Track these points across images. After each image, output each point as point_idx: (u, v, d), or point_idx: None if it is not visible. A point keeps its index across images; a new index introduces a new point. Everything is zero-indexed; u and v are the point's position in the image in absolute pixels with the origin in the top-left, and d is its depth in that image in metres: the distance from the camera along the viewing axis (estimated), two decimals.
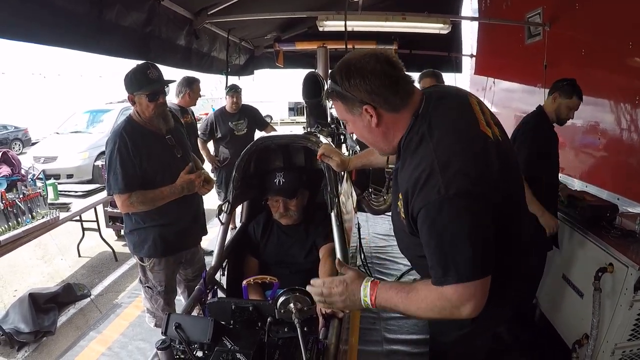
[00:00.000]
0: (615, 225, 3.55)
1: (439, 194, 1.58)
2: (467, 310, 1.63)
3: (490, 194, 1.62)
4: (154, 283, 3.45)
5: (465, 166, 1.61)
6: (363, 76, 1.70)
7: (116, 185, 3.06)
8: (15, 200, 4.32)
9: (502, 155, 1.74)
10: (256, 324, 2.23)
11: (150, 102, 3.12)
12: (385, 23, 6.50)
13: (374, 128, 1.80)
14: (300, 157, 3.55)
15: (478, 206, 1.59)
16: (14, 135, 22.15)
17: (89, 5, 3.58)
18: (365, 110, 1.75)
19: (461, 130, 1.75)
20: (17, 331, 4.31)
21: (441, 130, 1.71)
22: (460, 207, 1.57)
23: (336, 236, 2.77)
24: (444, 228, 1.60)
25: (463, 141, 1.69)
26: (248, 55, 8.95)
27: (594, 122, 4.96)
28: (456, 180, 1.58)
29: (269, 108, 33.54)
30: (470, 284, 1.60)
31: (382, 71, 1.70)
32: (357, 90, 1.73)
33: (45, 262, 6.50)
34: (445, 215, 1.58)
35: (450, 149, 1.65)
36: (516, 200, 1.87)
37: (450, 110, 1.82)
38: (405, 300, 1.74)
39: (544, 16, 6.07)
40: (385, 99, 1.73)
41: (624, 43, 4.43)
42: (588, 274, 3.35)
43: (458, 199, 1.57)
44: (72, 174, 11.64)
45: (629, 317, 3.16)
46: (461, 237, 1.58)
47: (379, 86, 1.70)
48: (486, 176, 1.64)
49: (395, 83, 1.72)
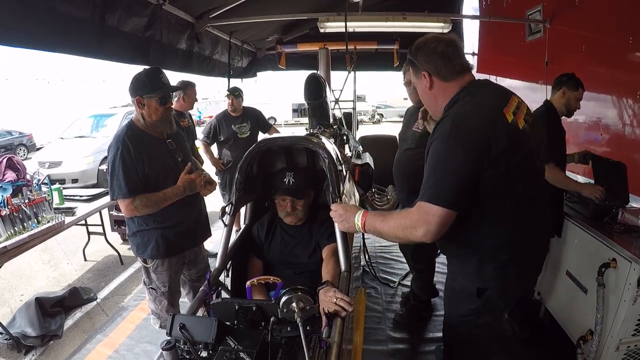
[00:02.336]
0: (619, 221, 3.55)
1: (445, 134, 2.07)
2: (420, 232, 2.04)
3: (482, 155, 2.01)
4: (158, 284, 3.46)
5: (471, 127, 2.05)
6: (426, 52, 2.28)
7: (120, 190, 3.06)
8: (21, 205, 4.33)
9: (515, 139, 2.10)
10: (260, 323, 2.25)
11: (161, 106, 3.17)
12: (385, 23, 6.51)
13: (428, 91, 2.34)
14: (302, 158, 3.55)
15: (466, 154, 2.02)
16: (18, 140, 22.20)
17: (91, 11, 3.61)
18: (423, 76, 2.31)
19: (485, 106, 2.17)
20: (24, 335, 4.34)
21: (471, 101, 2.16)
22: (452, 146, 2.04)
23: (338, 236, 2.79)
24: (437, 155, 2.10)
25: (481, 114, 2.11)
26: (250, 58, 8.98)
27: (596, 118, 4.97)
28: (460, 130, 2.05)
29: (272, 110, 33.45)
30: (431, 207, 2.02)
31: (441, 50, 2.25)
32: (421, 60, 2.30)
33: (52, 266, 6.53)
34: (443, 148, 2.08)
35: (468, 114, 2.10)
36: (527, 180, 2.19)
37: (487, 94, 2.29)
38: (382, 222, 2.24)
39: (544, 13, 6.10)
40: (437, 69, 2.26)
41: (624, 38, 4.45)
42: (592, 270, 3.34)
43: (454, 140, 2.04)
44: (77, 179, 11.67)
45: (633, 312, 3.14)
46: (442, 165, 2.07)
47: (435, 60, 2.26)
48: (484, 142, 2.01)
49: (449, 60, 2.25)
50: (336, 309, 2.22)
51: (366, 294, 4.63)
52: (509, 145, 2.04)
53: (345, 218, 2.42)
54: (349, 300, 2.24)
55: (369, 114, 36.68)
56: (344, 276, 2.67)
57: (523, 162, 2.11)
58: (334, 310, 2.22)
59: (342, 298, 2.23)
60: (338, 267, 2.80)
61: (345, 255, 2.77)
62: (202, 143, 6.34)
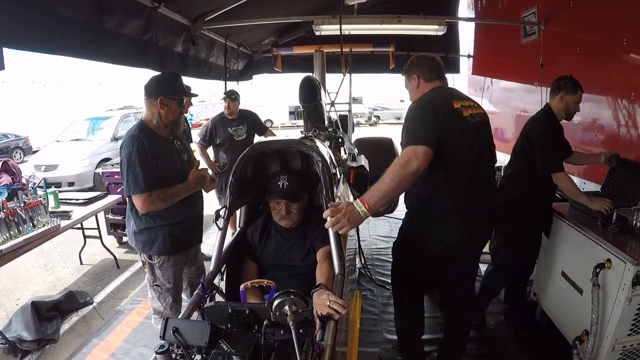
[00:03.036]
0: (613, 221, 3.56)
1: (413, 107, 3.05)
2: (414, 165, 2.62)
3: (435, 114, 2.87)
4: (163, 281, 3.53)
5: (434, 101, 2.98)
6: (416, 63, 3.27)
7: (137, 185, 3.13)
8: (16, 209, 4.33)
9: (454, 117, 2.96)
10: (253, 326, 2.25)
11: (178, 107, 3.38)
12: (380, 26, 6.53)
13: (416, 88, 3.26)
14: (297, 161, 3.56)
15: (429, 114, 2.87)
16: (14, 143, 22.13)
17: (90, 14, 3.64)
18: (413, 78, 3.26)
19: (441, 95, 3.09)
20: (20, 339, 4.32)
21: (435, 92, 3.14)
22: (418, 108, 2.98)
23: (332, 239, 2.80)
24: (410, 115, 3.00)
25: (436, 97, 3.04)
26: (246, 61, 8.99)
27: (591, 119, 4.99)
28: (425, 101, 3.02)
29: (269, 112, 33.45)
30: (416, 147, 2.69)
31: (426, 63, 3.25)
32: (413, 67, 3.28)
33: (48, 270, 6.52)
34: (412, 111, 3.01)
35: (432, 96, 3.07)
36: (464, 160, 2.96)
37: (446, 92, 3.21)
38: (381, 183, 2.63)
39: (539, 15, 6.12)
40: (423, 74, 3.23)
41: (618, 40, 4.47)
42: (586, 271, 3.35)
43: (419, 105, 3.02)
44: (73, 182, 11.66)
45: (628, 312, 3.15)
46: (414, 120, 2.93)
47: (422, 69, 3.24)
48: (435, 108, 2.90)
49: (430, 70, 3.23)
50: (329, 312, 2.21)
51: (362, 296, 4.62)
52: (449, 119, 2.90)
53: (346, 212, 2.51)
54: (342, 303, 2.23)
55: (366, 116, 36.69)
56: (338, 279, 2.66)
57: (461, 135, 2.95)
58: (327, 313, 2.21)
59: (336, 301, 2.22)
60: (332, 269, 2.80)
61: (339, 257, 2.77)
62: (198, 146, 6.33)
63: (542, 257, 4.31)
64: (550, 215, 4.03)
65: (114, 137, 13.06)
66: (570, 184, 3.81)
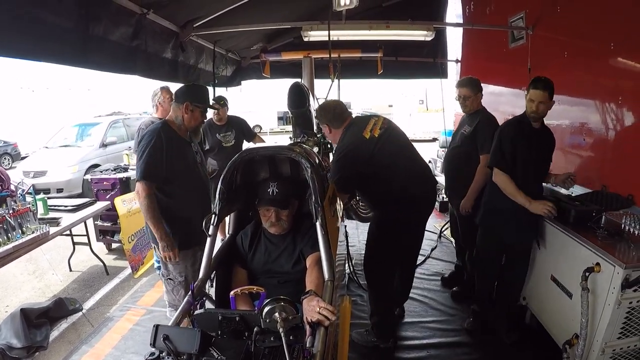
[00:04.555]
0: (602, 225, 3.57)
1: (338, 150, 3.87)
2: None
3: (358, 158, 3.78)
4: (175, 274, 3.80)
5: (350, 147, 3.82)
6: (324, 117, 3.99)
7: (140, 172, 3.49)
8: (5, 216, 4.32)
9: (378, 146, 3.80)
10: (243, 333, 2.26)
11: (201, 116, 3.80)
12: (369, 32, 6.55)
13: (330, 135, 4.09)
14: (286, 167, 3.57)
15: (350, 158, 3.78)
16: (3, 149, 21.98)
17: (76, 21, 3.62)
18: (325, 127, 4.04)
19: (355, 135, 3.87)
20: (9, 347, 4.29)
21: (348, 134, 3.92)
22: (343, 154, 3.81)
23: (322, 245, 2.81)
24: (336, 158, 3.86)
25: (353, 139, 3.86)
26: (235, 67, 8.96)
27: (579, 123, 5.02)
28: (344, 148, 3.84)
29: (258, 118, 33.38)
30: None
31: (331, 113, 3.99)
32: (323, 120, 4.02)
33: (37, 277, 6.47)
34: (336, 156, 3.88)
35: (346, 141, 3.88)
36: (388, 165, 3.83)
37: (355, 127, 3.95)
38: None
39: (526, 20, 6.16)
40: (332, 124, 3.99)
41: (605, 44, 4.50)
42: (576, 274, 3.38)
43: (343, 152, 3.84)
44: (62, 188, 11.58)
45: (618, 316, 3.19)
46: (341, 163, 3.83)
47: (330, 121, 3.98)
48: (359, 151, 3.79)
49: (336, 118, 3.98)
50: (319, 318, 2.21)
51: (352, 302, 4.63)
52: (366, 148, 3.79)
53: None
54: (332, 309, 2.23)
55: None
56: (328, 285, 2.67)
57: (383, 151, 3.80)
58: (318, 320, 2.21)
59: (326, 307, 2.22)
60: (322, 276, 2.80)
61: (329, 264, 2.77)
62: None
63: (531, 262, 4.33)
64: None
65: (102, 144, 12.97)
66: (508, 183, 3.83)
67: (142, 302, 5.48)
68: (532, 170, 3.95)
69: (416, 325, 4.64)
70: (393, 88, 35.14)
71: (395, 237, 4.00)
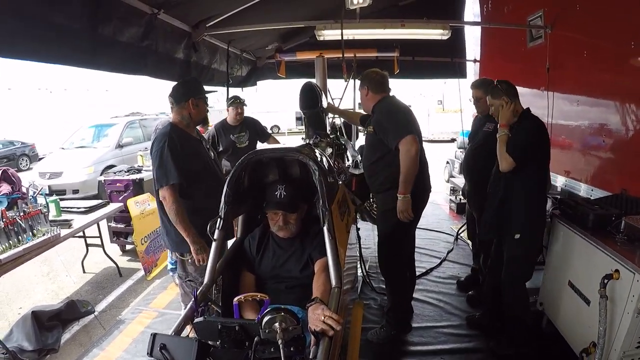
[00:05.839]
0: (622, 230, 3.46)
1: (389, 109, 4.03)
2: (413, 149, 3.75)
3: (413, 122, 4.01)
4: (195, 275, 3.84)
5: (405, 109, 4.07)
6: (368, 78, 4.18)
7: (165, 177, 3.46)
8: (16, 218, 4.32)
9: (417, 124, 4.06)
10: (244, 343, 2.19)
11: (205, 105, 3.85)
12: (384, 31, 6.48)
13: (366, 97, 4.20)
14: (295, 169, 3.49)
15: (409, 116, 4.03)
16: (21, 151, 22.26)
17: (84, 22, 3.61)
18: (364, 88, 4.18)
19: (403, 103, 4.14)
20: (20, 349, 4.29)
21: (395, 100, 4.13)
22: (402, 112, 4.01)
23: (329, 251, 2.73)
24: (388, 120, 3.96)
25: (403, 105, 4.13)
26: (250, 67, 8.94)
27: (599, 124, 4.92)
28: (400, 108, 4.05)
29: (275, 118, 33.50)
30: (407, 137, 3.74)
31: (375, 78, 4.15)
32: (365, 81, 4.18)
33: (50, 278, 6.50)
34: (392, 114, 4.00)
35: (398, 103, 4.10)
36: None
37: (398, 100, 4.17)
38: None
39: (545, 19, 6.05)
40: (371, 87, 4.13)
41: (626, 43, 4.39)
42: (594, 281, 3.27)
43: (402, 110, 4.03)
44: (77, 189, 11.67)
45: (637, 325, 3.08)
46: (395, 121, 3.92)
47: (371, 83, 4.13)
48: (412, 117, 4.06)
49: (378, 84, 4.13)
50: (324, 328, 2.14)
51: (364, 306, 4.57)
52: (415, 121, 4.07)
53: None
54: (337, 318, 2.16)
55: None
56: (335, 292, 2.59)
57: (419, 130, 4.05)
58: (322, 330, 2.15)
59: (330, 316, 2.16)
60: (329, 282, 2.73)
61: (336, 270, 2.69)
62: None
63: (548, 266, 4.25)
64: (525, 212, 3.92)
65: (118, 144, 13.07)
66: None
67: (154, 305, 5.46)
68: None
69: (430, 330, 4.55)
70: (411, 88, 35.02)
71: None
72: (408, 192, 3.81)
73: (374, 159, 4.14)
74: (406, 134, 3.74)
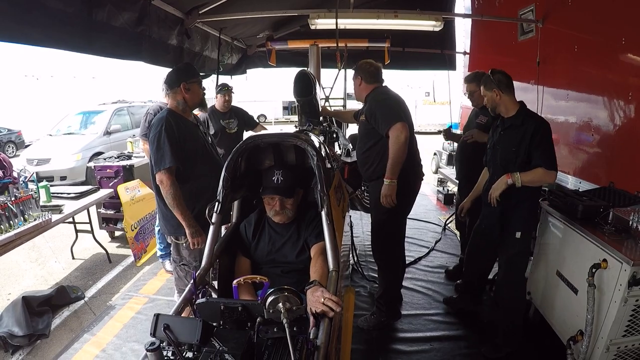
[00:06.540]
0: (609, 221, 3.51)
1: (381, 97, 4.09)
2: (403, 136, 3.79)
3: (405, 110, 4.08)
4: (189, 260, 3.85)
5: (397, 97, 4.14)
6: (362, 69, 4.20)
7: (162, 161, 3.45)
8: (7, 203, 4.29)
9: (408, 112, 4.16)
10: (246, 324, 2.21)
11: (200, 89, 3.82)
12: (377, 21, 6.50)
13: (359, 87, 4.26)
14: (291, 155, 3.52)
15: (401, 105, 4.07)
16: (7, 137, 22.01)
17: (80, 5, 3.59)
18: (357, 78, 4.23)
19: (395, 93, 4.19)
20: (11, 335, 4.28)
21: (386, 90, 4.20)
22: (394, 101, 4.06)
23: (327, 235, 2.75)
24: (384, 102, 4.04)
25: (395, 94, 4.17)
26: (240, 55, 8.92)
27: (587, 119, 4.96)
28: (392, 97, 4.10)
29: (262, 107, 33.40)
30: (397, 124, 3.81)
31: (369, 69, 4.17)
32: (359, 72, 4.20)
33: (39, 264, 6.47)
34: (383, 102, 4.04)
35: (389, 93, 4.15)
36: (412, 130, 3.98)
37: (390, 90, 4.23)
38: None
39: (536, 13, 6.08)
40: (365, 77, 4.18)
41: (616, 39, 4.43)
42: (582, 270, 3.33)
43: (393, 99, 4.08)
44: (65, 176, 11.60)
45: (623, 313, 3.14)
46: (393, 102, 4.04)
47: (365, 73, 4.17)
48: (404, 106, 4.11)
49: (371, 75, 4.17)
50: (324, 309, 2.16)
51: (355, 293, 4.61)
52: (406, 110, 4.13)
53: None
54: (337, 300, 2.19)
55: None
56: (333, 275, 2.61)
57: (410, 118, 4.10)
58: (322, 311, 2.17)
59: (330, 298, 2.18)
60: (326, 266, 2.74)
61: (334, 253, 2.71)
62: None
63: (537, 256, 4.30)
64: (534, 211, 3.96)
65: (106, 131, 13.01)
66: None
67: (145, 291, 5.47)
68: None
69: (420, 317, 4.61)
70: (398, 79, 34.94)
71: (405, 201, 4.18)
72: (395, 177, 3.86)
73: (366, 147, 4.19)
74: (396, 121, 3.80)
